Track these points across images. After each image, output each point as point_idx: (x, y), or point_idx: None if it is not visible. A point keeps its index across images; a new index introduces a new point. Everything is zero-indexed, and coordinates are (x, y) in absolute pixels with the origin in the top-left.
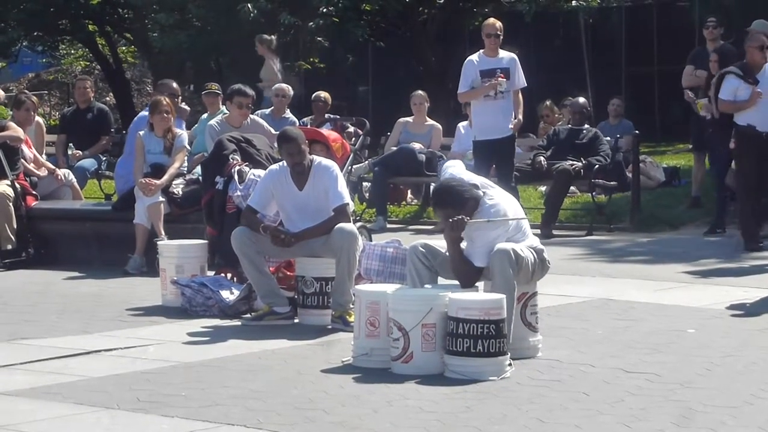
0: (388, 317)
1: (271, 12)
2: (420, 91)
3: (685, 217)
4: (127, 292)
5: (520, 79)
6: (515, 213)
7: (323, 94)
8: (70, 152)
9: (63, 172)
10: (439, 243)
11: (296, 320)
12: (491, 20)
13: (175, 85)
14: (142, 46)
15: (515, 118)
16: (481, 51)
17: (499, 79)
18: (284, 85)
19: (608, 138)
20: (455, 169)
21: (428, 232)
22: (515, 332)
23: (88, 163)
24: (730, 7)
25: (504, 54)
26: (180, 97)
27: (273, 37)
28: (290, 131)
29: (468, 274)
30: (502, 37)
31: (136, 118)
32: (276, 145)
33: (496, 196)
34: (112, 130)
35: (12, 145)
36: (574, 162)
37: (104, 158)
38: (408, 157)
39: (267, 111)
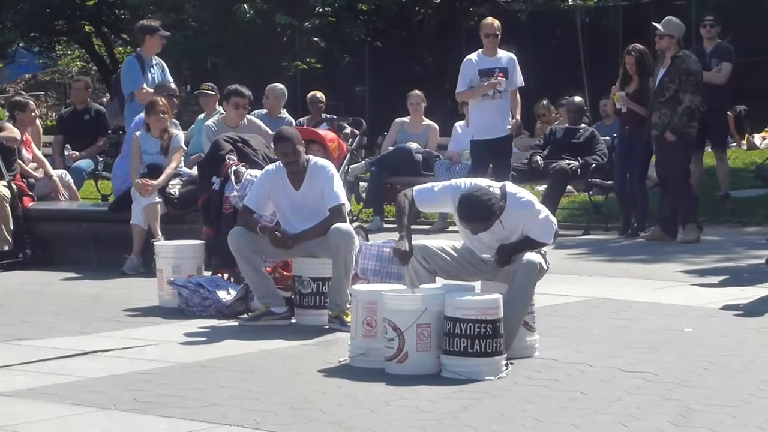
0: (382, 317)
1: (267, 12)
2: (417, 91)
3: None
4: (124, 292)
5: (519, 79)
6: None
7: (319, 94)
8: (66, 153)
9: (60, 173)
10: (437, 243)
11: (293, 320)
12: (489, 20)
13: (172, 85)
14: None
15: (513, 118)
16: (480, 50)
17: (498, 78)
18: (278, 85)
19: (606, 137)
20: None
21: (425, 232)
22: None
23: (85, 163)
24: (727, 5)
25: (502, 53)
26: (178, 98)
27: None
28: (285, 131)
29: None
30: (500, 37)
31: (135, 120)
32: (272, 145)
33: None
34: (109, 131)
35: (8, 146)
36: (571, 161)
37: (101, 159)
38: (405, 156)
39: (263, 111)
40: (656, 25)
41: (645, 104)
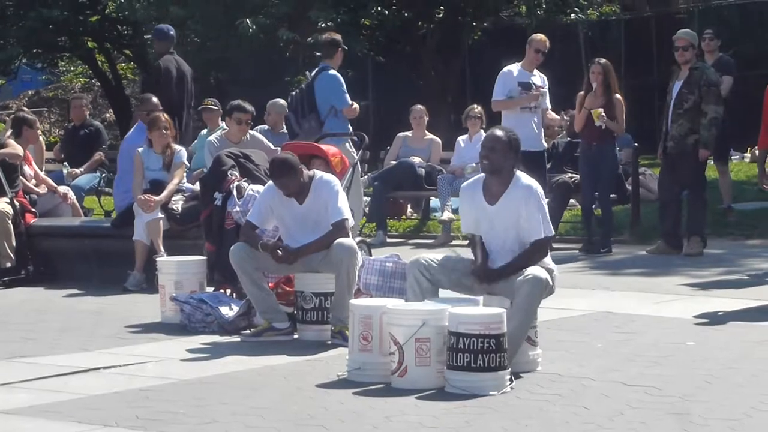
0: (387, 331)
1: (270, 28)
2: (419, 106)
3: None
4: (126, 309)
5: (547, 100)
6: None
7: None
8: (65, 171)
9: (64, 190)
10: (437, 256)
11: (295, 336)
12: (542, 36)
13: (155, 99)
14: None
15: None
16: (518, 63)
17: (541, 89)
18: (279, 101)
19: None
20: None
21: (428, 246)
22: None
23: (83, 181)
24: (729, 18)
25: (536, 72)
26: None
27: None
28: (284, 164)
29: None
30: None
31: (125, 138)
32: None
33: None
34: (104, 146)
35: (11, 162)
36: (574, 175)
37: (103, 174)
38: (408, 171)
39: (266, 127)
40: (682, 36)
41: (613, 119)
